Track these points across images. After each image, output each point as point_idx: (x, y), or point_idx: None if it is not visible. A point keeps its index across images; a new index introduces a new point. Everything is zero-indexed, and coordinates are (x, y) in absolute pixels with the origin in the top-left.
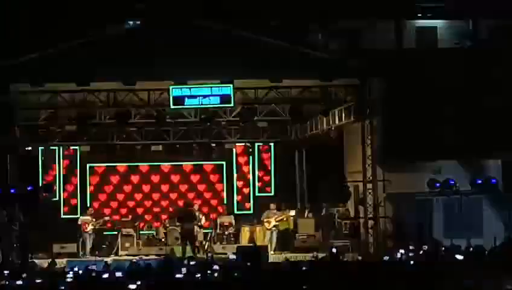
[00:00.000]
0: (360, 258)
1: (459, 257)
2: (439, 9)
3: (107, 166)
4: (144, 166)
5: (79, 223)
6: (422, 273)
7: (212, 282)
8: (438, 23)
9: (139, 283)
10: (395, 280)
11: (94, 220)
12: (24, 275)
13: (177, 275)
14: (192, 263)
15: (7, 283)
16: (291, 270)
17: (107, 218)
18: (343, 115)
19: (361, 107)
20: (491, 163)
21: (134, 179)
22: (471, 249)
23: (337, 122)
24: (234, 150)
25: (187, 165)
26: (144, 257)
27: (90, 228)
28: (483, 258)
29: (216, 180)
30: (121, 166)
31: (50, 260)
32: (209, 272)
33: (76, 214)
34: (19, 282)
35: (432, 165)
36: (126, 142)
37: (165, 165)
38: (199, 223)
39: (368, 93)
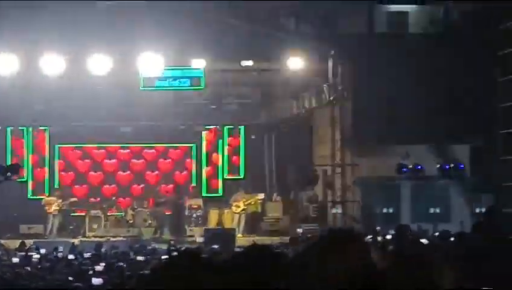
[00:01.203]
0: None
1: (425, 241)
2: None
3: (76, 147)
4: (112, 147)
5: (43, 203)
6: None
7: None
8: (409, 7)
9: (103, 264)
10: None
11: (60, 201)
12: None
13: (139, 258)
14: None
15: None
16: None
17: (73, 199)
18: (313, 98)
19: (331, 91)
20: (459, 148)
21: (103, 160)
22: (437, 233)
23: (306, 106)
24: (203, 132)
25: (156, 147)
26: (112, 239)
27: (54, 208)
28: (448, 243)
29: (185, 162)
30: (90, 147)
31: (20, 241)
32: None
33: (44, 196)
34: None
35: (401, 150)
36: (95, 123)
37: (134, 147)
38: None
39: (339, 76)
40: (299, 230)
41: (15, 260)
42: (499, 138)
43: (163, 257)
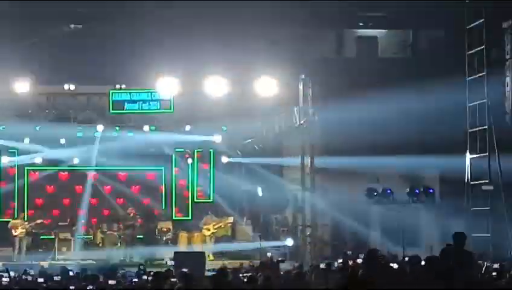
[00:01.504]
0: (296, 265)
1: (395, 265)
2: (379, 19)
3: (46, 169)
4: (81, 171)
5: (9, 227)
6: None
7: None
8: (378, 32)
9: (73, 288)
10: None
11: (26, 223)
12: None
13: (110, 281)
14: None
15: None
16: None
17: (39, 221)
18: (283, 121)
19: (301, 114)
20: (428, 173)
21: (73, 182)
22: (407, 258)
23: (277, 128)
24: (173, 155)
25: (126, 170)
26: (81, 261)
27: (20, 231)
28: (418, 267)
29: (155, 185)
30: (60, 171)
31: None
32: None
33: (13, 218)
34: None
35: (370, 174)
36: (65, 146)
37: (104, 171)
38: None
39: (309, 100)
40: (269, 254)
41: None
42: (467, 162)
43: (134, 280)
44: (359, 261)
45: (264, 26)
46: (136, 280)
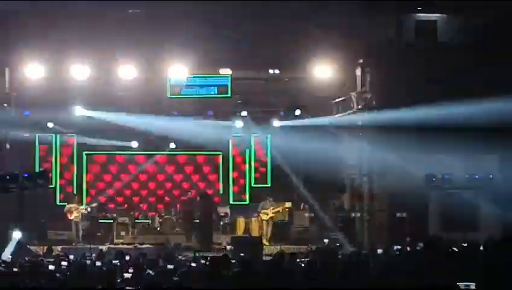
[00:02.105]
0: (353, 250)
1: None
2: (440, 3)
3: (104, 154)
4: (140, 155)
5: (65, 211)
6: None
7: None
8: (437, 17)
9: (132, 271)
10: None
11: (82, 207)
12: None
13: (169, 266)
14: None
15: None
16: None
17: (94, 204)
18: (341, 107)
19: (359, 100)
20: (488, 158)
21: (131, 168)
22: (466, 244)
23: (334, 114)
24: (230, 140)
25: (183, 155)
26: (139, 246)
27: (75, 215)
28: (477, 253)
29: (212, 171)
30: (119, 155)
31: (46, 247)
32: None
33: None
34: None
35: (429, 160)
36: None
37: (162, 155)
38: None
39: (367, 85)
40: (325, 240)
41: (51, 267)
42: None
43: (192, 265)
44: (418, 247)
45: (319, 11)
46: (194, 264)
